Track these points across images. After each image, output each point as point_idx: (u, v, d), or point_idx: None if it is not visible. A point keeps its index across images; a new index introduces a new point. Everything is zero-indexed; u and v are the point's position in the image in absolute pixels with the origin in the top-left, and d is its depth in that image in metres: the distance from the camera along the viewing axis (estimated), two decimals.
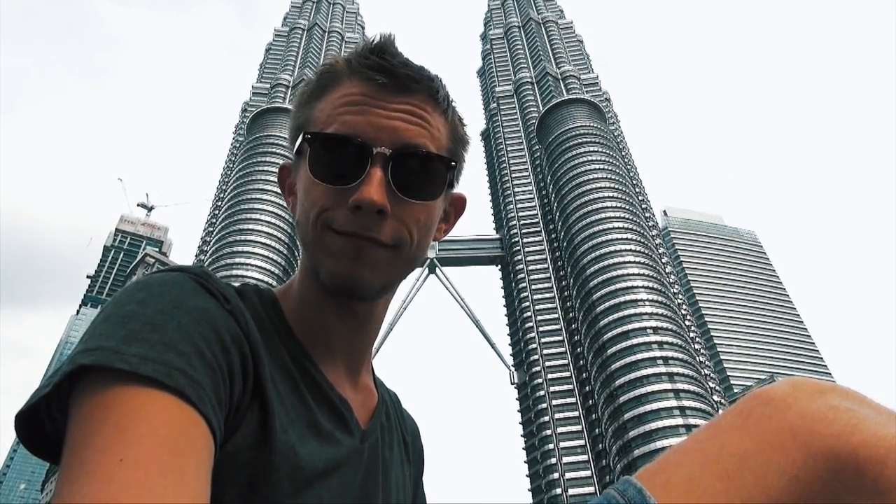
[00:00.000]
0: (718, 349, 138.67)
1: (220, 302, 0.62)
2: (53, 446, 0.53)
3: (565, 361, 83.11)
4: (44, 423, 0.54)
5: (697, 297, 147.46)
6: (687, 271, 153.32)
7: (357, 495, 0.72)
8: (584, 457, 74.28)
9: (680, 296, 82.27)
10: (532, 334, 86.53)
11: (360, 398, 0.80)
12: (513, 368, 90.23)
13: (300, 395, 0.68)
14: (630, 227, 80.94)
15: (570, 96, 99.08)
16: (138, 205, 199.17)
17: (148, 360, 0.51)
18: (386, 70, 0.70)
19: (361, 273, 0.68)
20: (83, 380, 0.51)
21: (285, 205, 0.75)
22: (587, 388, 75.87)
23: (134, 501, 0.43)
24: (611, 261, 76.96)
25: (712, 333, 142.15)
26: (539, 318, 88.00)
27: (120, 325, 0.54)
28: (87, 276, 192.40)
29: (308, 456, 0.64)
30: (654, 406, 63.90)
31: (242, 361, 0.60)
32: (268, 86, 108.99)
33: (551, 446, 76.18)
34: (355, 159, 0.68)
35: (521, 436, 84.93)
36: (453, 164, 0.73)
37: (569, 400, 79.53)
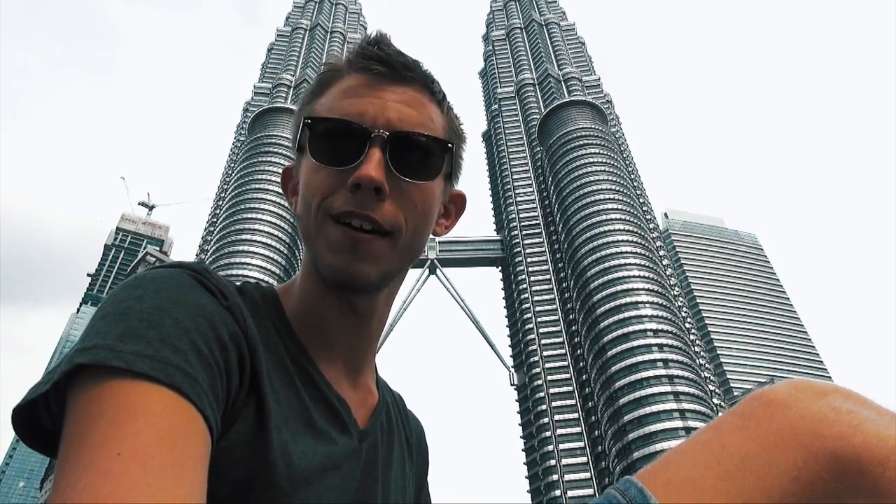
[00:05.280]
0: (718, 352, 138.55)
1: (218, 298, 0.63)
2: (51, 440, 0.54)
3: (565, 363, 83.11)
4: (41, 417, 0.54)
5: (698, 300, 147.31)
6: (687, 274, 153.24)
7: (355, 495, 0.72)
8: (584, 458, 74.27)
9: (680, 298, 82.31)
10: (532, 336, 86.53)
11: (359, 397, 0.80)
12: (513, 370, 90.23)
13: (296, 393, 0.69)
14: (631, 229, 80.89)
15: (572, 98, 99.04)
16: (139, 203, 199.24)
17: (144, 358, 0.51)
18: (382, 60, 0.72)
19: (360, 266, 0.69)
20: (80, 376, 0.51)
21: (287, 205, 0.68)
22: (587, 389, 75.84)
23: (131, 495, 0.43)
24: (611, 263, 76.91)
25: (712, 336, 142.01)
26: (539, 319, 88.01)
27: (116, 323, 0.54)
28: (88, 275, 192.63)
29: (302, 454, 0.64)
30: (654, 408, 63.91)
31: (240, 358, 0.61)
32: (270, 86, 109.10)
33: (551, 448, 76.19)
34: (354, 142, 0.70)
35: (521, 437, 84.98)
36: (450, 145, 0.75)
37: (568, 402, 79.53)
